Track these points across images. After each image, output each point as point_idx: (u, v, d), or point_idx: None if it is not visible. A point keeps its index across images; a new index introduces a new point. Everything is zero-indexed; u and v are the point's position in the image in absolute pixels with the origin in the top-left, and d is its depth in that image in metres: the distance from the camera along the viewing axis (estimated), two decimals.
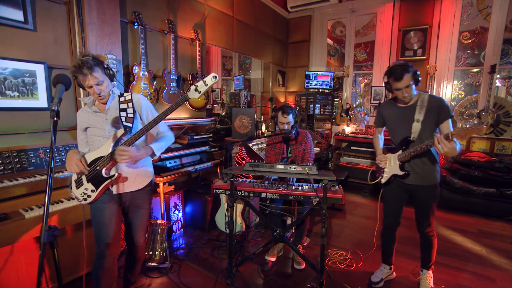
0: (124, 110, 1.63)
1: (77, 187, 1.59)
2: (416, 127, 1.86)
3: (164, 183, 2.64)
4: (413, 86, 1.83)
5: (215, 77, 1.44)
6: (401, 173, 1.94)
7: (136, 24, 2.65)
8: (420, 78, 1.84)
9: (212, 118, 3.68)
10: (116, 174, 1.56)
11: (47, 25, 2.12)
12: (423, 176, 1.92)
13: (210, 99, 4.37)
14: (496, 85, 4.16)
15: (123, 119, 1.59)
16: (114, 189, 1.63)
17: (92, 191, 1.55)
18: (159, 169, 2.65)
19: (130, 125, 1.60)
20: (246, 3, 4.34)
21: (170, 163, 2.82)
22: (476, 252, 2.70)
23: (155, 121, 1.52)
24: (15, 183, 1.70)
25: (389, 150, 2.03)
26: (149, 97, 2.76)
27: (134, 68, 2.65)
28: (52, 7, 2.14)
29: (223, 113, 4.78)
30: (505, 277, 2.31)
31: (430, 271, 2.13)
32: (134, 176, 1.68)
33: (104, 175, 1.54)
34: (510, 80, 4.19)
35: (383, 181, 2.06)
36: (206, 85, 1.45)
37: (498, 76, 4.14)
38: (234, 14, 4.09)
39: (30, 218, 1.67)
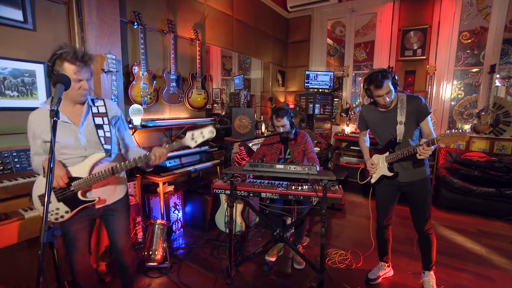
0: (101, 127, 1.47)
1: (43, 204, 1.40)
2: (400, 129, 1.90)
3: (163, 183, 2.64)
4: (393, 91, 1.85)
5: (213, 132, 1.45)
6: (390, 174, 1.98)
7: (135, 24, 2.65)
8: (397, 81, 1.88)
9: (212, 118, 3.68)
10: (97, 199, 1.48)
11: (46, 25, 2.12)
12: (413, 172, 1.96)
13: (210, 99, 4.37)
14: (496, 85, 4.16)
15: (102, 139, 1.45)
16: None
17: (66, 212, 1.44)
18: (158, 169, 2.65)
19: (110, 147, 1.46)
20: (245, 3, 4.33)
21: (169, 163, 2.81)
22: (475, 252, 2.70)
23: (138, 161, 1.45)
24: (14, 183, 1.70)
25: (376, 151, 2.07)
26: (148, 97, 2.76)
27: (133, 68, 2.65)
28: (51, 7, 2.14)
29: (223, 113, 4.77)
30: (504, 276, 2.31)
31: (431, 272, 2.12)
32: (114, 189, 1.60)
33: (81, 198, 1.44)
34: (510, 80, 4.19)
35: (372, 181, 2.10)
36: (203, 137, 1.43)
37: (497, 76, 4.14)
38: (233, 14, 4.09)
39: (30, 218, 1.67)
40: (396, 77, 1.87)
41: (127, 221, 1.73)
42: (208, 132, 1.44)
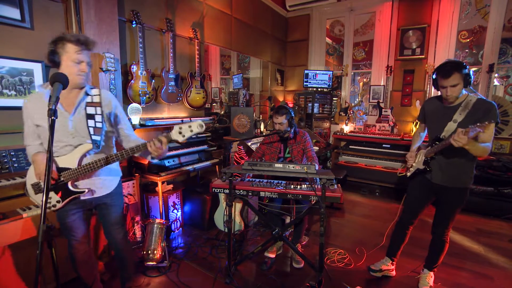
0: (92, 116, 1.45)
1: (36, 193, 1.48)
2: (450, 126, 1.78)
3: (162, 182, 2.63)
4: (462, 87, 1.71)
5: (202, 126, 1.37)
6: (422, 167, 1.92)
7: (134, 22, 2.64)
8: (471, 80, 1.71)
9: (211, 117, 3.68)
10: (86, 190, 1.48)
11: (44, 23, 2.11)
12: (451, 176, 1.84)
13: (209, 98, 4.37)
14: (494, 84, 4.18)
15: (91, 130, 1.44)
16: (83, 195, 1.54)
17: (58, 201, 1.46)
18: (157, 168, 2.65)
19: (99, 138, 1.46)
20: (244, 2, 4.33)
21: (168, 162, 2.81)
22: (474, 251, 2.71)
23: (135, 150, 1.45)
24: (12, 183, 1.70)
25: (423, 147, 2.01)
26: (147, 96, 2.75)
27: (132, 67, 2.64)
28: (49, 5, 2.13)
29: (222, 112, 4.76)
30: (502, 275, 2.32)
31: (431, 272, 2.12)
32: (104, 182, 1.60)
33: (71, 188, 1.45)
34: (508, 79, 4.21)
35: (408, 174, 2.07)
36: (192, 131, 1.37)
37: (496, 75, 4.15)
38: (232, 13, 4.08)
39: (28, 217, 1.67)
40: (472, 74, 1.70)
41: (121, 213, 1.75)
42: (197, 126, 1.35)
